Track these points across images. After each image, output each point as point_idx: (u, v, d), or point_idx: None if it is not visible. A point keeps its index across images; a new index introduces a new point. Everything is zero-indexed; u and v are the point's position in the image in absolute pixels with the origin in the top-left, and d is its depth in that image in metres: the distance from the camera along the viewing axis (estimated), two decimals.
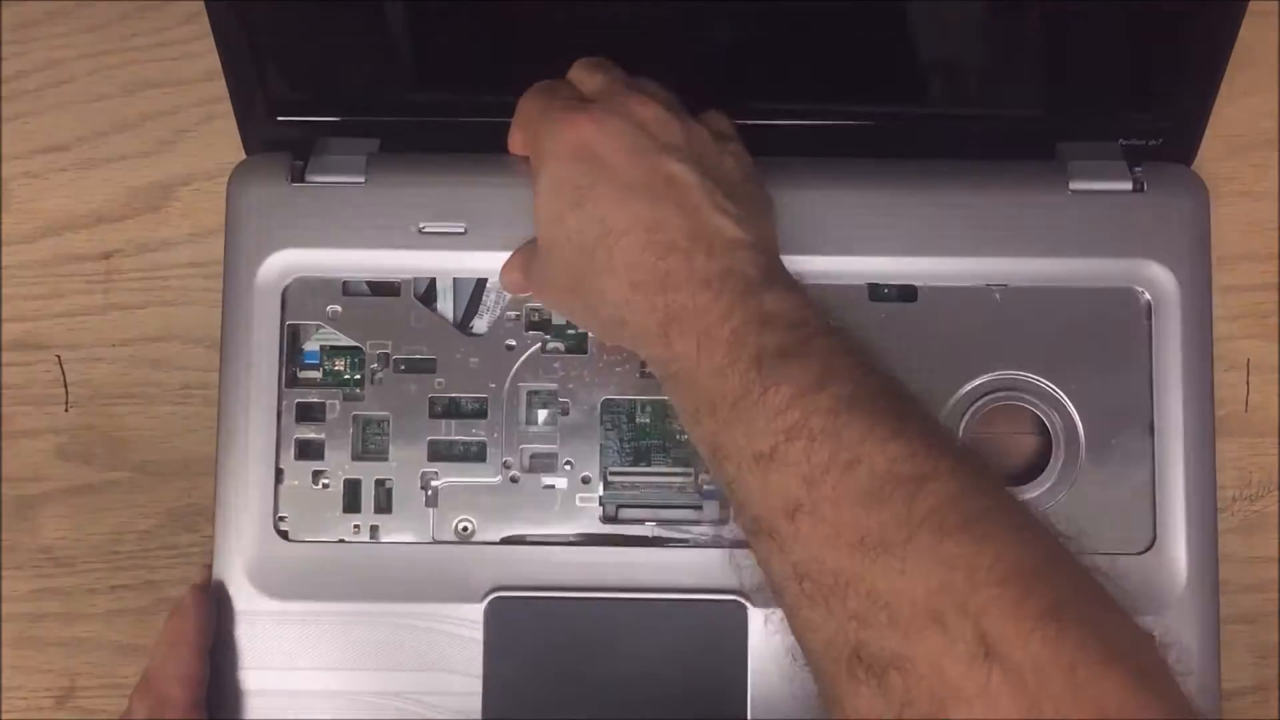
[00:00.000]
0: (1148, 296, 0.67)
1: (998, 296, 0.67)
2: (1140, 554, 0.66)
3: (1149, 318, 0.67)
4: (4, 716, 0.73)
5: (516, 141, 0.66)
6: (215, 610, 0.66)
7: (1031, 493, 0.67)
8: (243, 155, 0.72)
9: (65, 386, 0.74)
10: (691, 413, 0.59)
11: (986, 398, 0.67)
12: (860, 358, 0.58)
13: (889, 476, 0.53)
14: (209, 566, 0.67)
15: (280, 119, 0.70)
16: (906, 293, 0.68)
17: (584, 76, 0.65)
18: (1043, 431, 0.68)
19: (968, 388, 0.67)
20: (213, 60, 0.68)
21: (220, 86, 0.69)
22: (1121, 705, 0.48)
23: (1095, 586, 0.53)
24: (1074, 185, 0.68)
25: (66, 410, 0.74)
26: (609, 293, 0.60)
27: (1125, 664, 0.49)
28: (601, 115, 0.61)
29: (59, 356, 0.74)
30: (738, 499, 0.58)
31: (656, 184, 0.60)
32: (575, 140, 0.61)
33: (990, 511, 0.53)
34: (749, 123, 0.67)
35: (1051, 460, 0.67)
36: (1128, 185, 0.68)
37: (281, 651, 0.66)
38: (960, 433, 0.67)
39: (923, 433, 0.55)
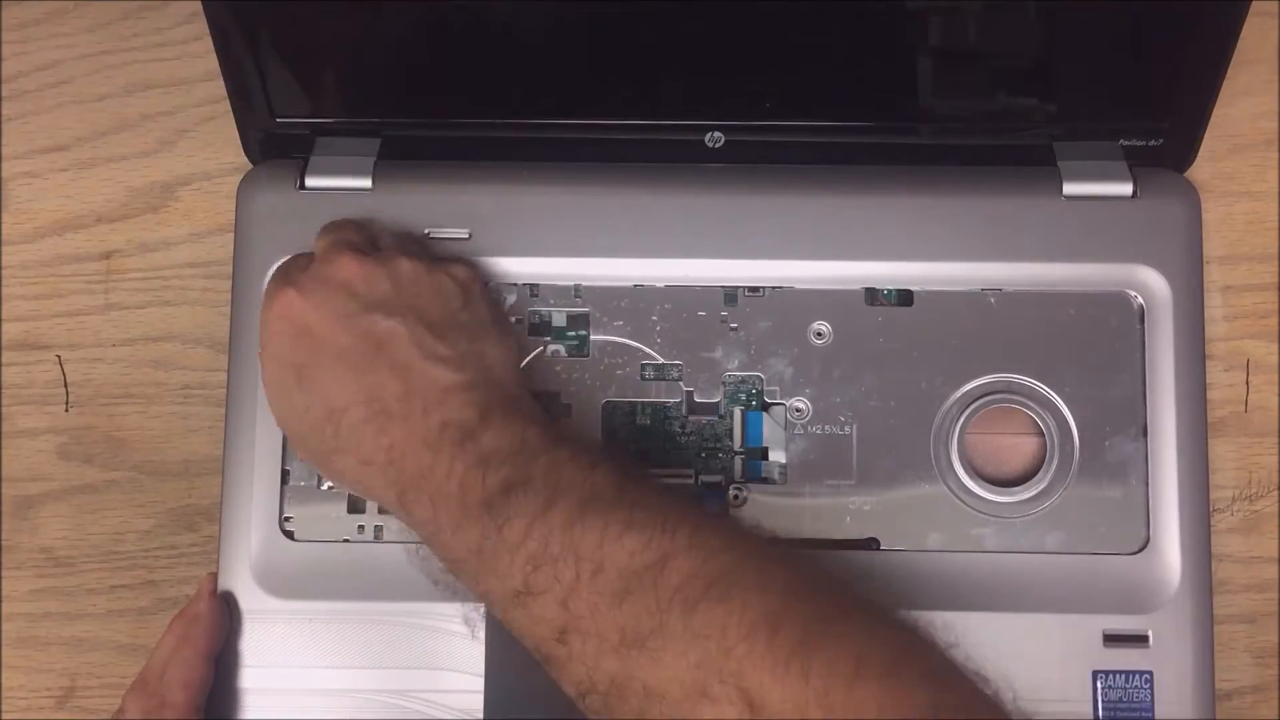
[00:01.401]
0: (1140, 301, 0.72)
1: (993, 301, 0.72)
2: (1134, 554, 0.70)
3: (1141, 322, 0.72)
4: (4, 716, 0.76)
5: None
6: (228, 618, 0.70)
7: (1026, 494, 0.71)
8: (243, 155, 0.75)
9: (65, 386, 0.77)
10: (453, 571, 0.64)
11: (982, 400, 0.72)
12: (586, 459, 0.62)
13: (632, 571, 0.58)
14: (214, 575, 0.71)
15: (280, 119, 0.73)
16: (903, 297, 0.72)
17: (317, 240, 0.70)
18: (1037, 434, 0.72)
19: (963, 390, 0.72)
20: (213, 60, 0.71)
21: (220, 86, 0.72)
22: (880, 709, 0.52)
23: (847, 601, 0.58)
24: (1068, 190, 0.73)
25: (67, 410, 0.77)
26: (346, 471, 0.65)
27: (874, 669, 0.53)
28: (309, 284, 0.65)
29: (59, 356, 0.78)
30: (516, 634, 0.61)
31: (368, 348, 0.64)
32: (287, 314, 0.66)
33: (733, 567, 0.57)
34: (746, 135, 0.73)
35: (1046, 462, 0.71)
36: (1125, 187, 0.73)
37: (286, 650, 0.70)
38: (956, 435, 0.71)
39: (659, 514, 0.59)
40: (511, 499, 0.60)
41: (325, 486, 0.71)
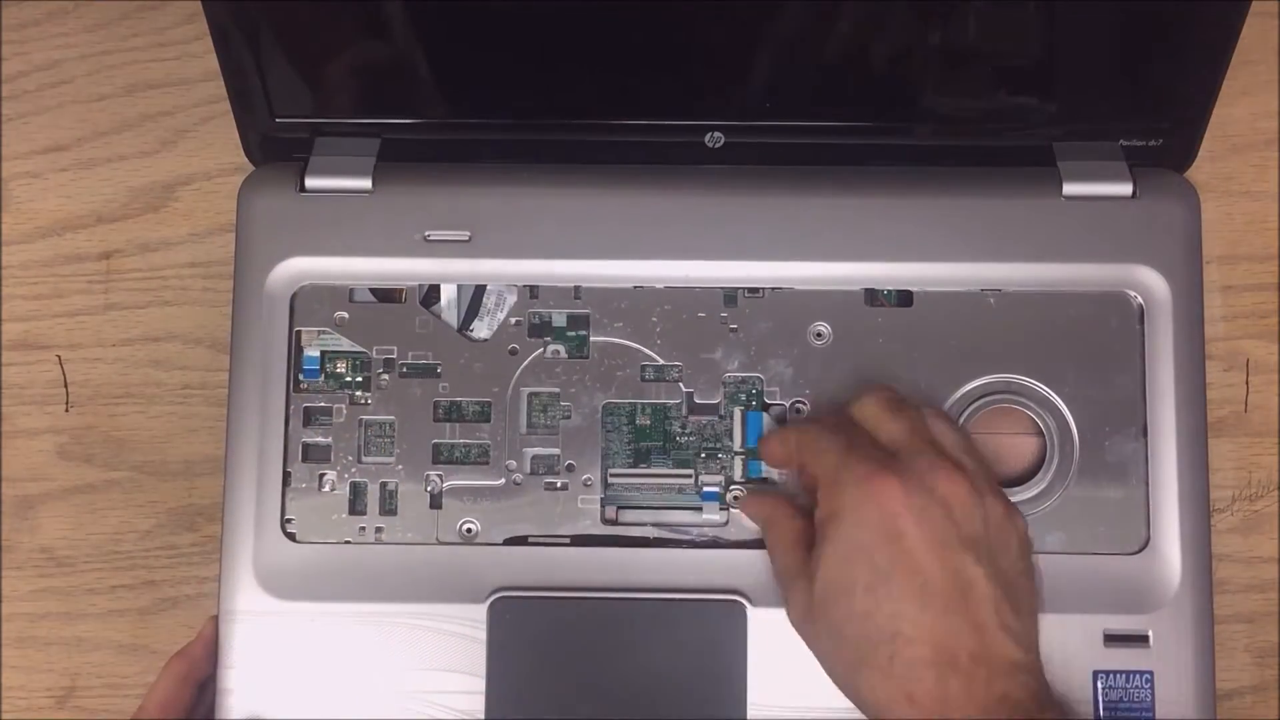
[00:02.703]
0: (1140, 301, 0.72)
1: (992, 301, 0.72)
2: (1134, 554, 0.71)
3: (1141, 322, 0.72)
4: (4, 716, 0.76)
5: (779, 455, 0.70)
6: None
7: (1026, 494, 0.71)
8: (243, 155, 0.75)
9: (65, 386, 0.78)
10: None
11: (982, 400, 0.72)
12: None
13: None
14: (215, 620, 0.71)
15: (280, 119, 0.73)
16: (903, 297, 0.73)
17: (881, 417, 0.67)
18: (1037, 434, 0.72)
19: (963, 391, 0.72)
20: (213, 60, 0.71)
21: (220, 86, 0.72)
22: None
23: None
24: (1068, 190, 0.73)
25: (67, 410, 0.78)
26: (879, 691, 0.63)
27: None
28: (914, 487, 0.63)
29: (59, 356, 0.78)
30: None
31: (953, 590, 0.62)
32: (883, 511, 0.63)
33: None
34: (746, 136, 0.73)
35: (1046, 462, 0.72)
36: (1124, 187, 0.73)
37: (287, 651, 0.70)
38: None
39: None
40: None
41: (326, 488, 0.72)
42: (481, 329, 0.74)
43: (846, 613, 0.63)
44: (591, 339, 0.73)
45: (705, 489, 0.72)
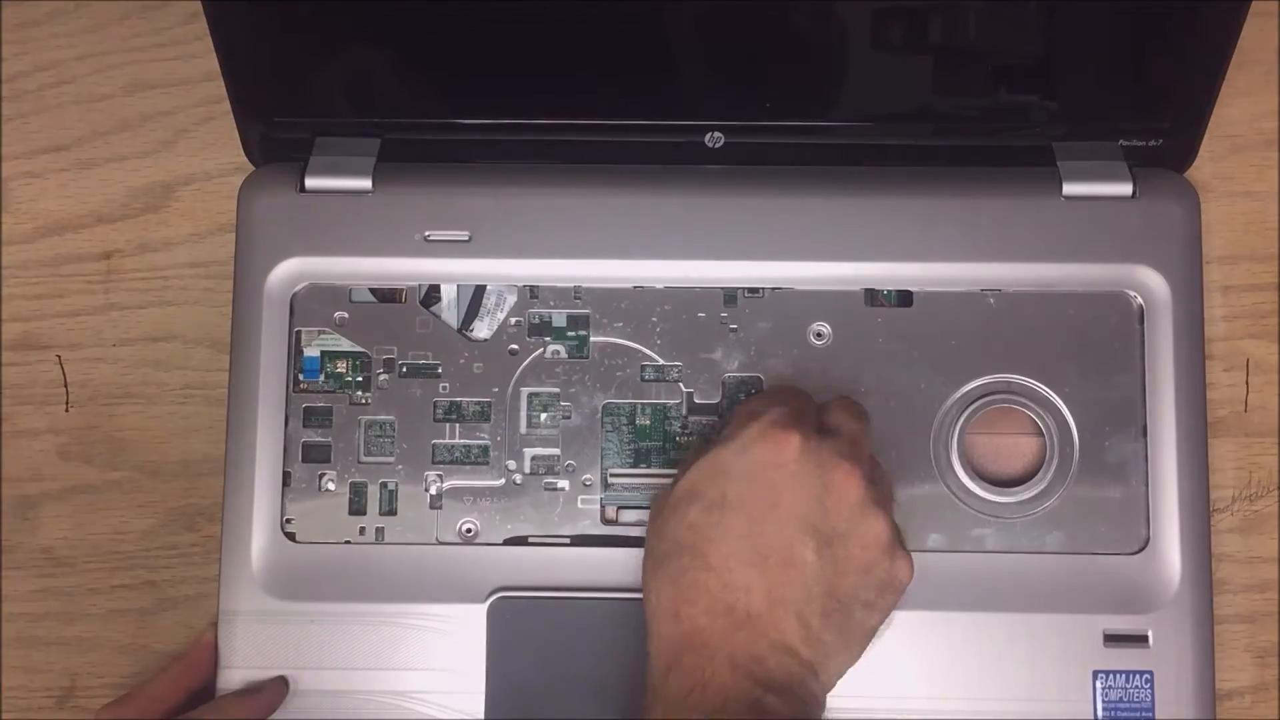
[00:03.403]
0: (1140, 301, 0.72)
1: (992, 301, 0.73)
2: (1134, 554, 0.71)
3: (1141, 322, 0.72)
4: (4, 716, 0.76)
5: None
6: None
7: (1026, 494, 0.72)
8: (243, 155, 0.76)
9: (65, 386, 0.78)
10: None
11: (982, 401, 0.72)
12: None
13: None
14: (214, 626, 0.71)
15: (280, 119, 0.74)
16: (903, 297, 0.73)
17: (836, 408, 0.68)
18: (1037, 434, 0.73)
19: (963, 391, 0.72)
20: (213, 60, 0.71)
21: (220, 86, 0.73)
22: None
23: None
24: (1068, 190, 0.73)
25: (67, 410, 0.78)
26: (660, 595, 0.64)
27: None
28: (813, 452, 0.63)
29: (59, 356, 0.78)
30: None
31: (777, 556, 0.63)
32: (770, 457, 0.64)
33: None
34: (746, 136, 0.74)
35: (1046, 462, 0.72)
36: (1124, 187, 0.73)
37: (287, 651, 0.70)
38: (956, 435, 0.72)
39: None
40: None
41: (326, 487, 0.72)
42: (481, 329, 0.74)
43: (679, 517, 0.64)
44: (591, 339, 0.74)
45: None
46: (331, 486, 0.72)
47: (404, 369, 0.73)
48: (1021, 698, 0.70)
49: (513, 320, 0.73)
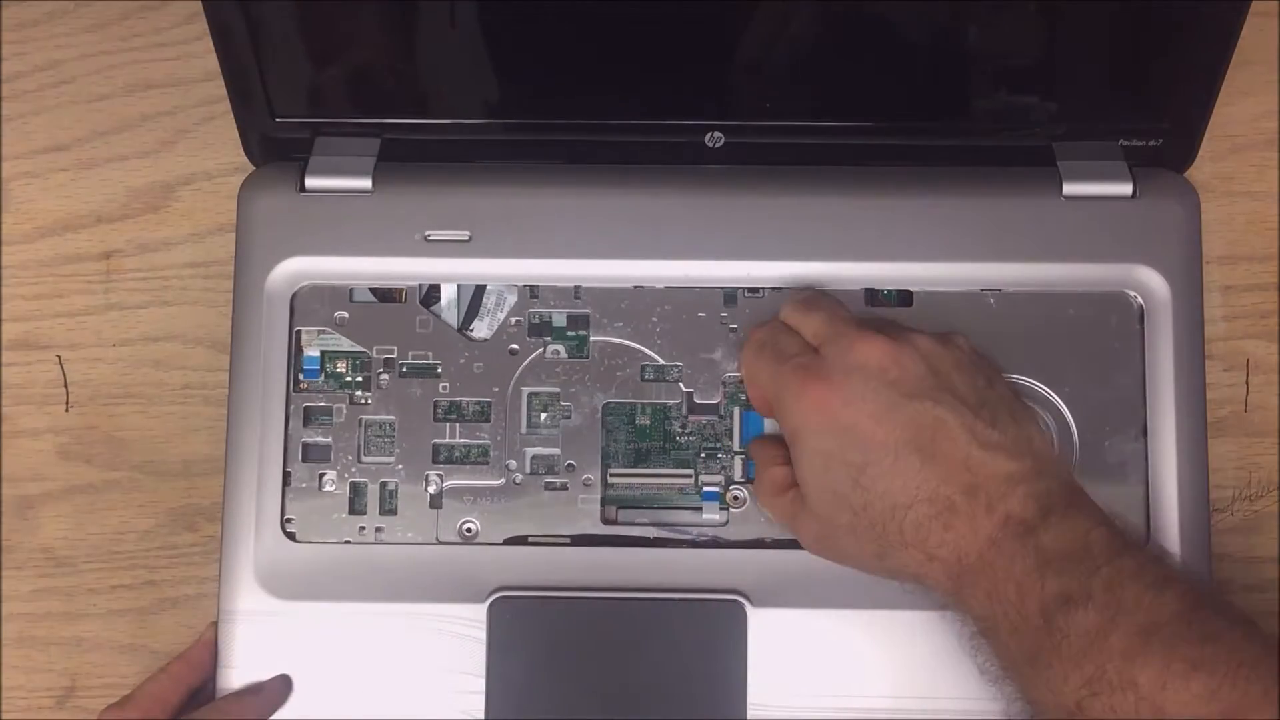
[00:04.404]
0: (1140, 301, 0.72)
1: (992, 301, 0.73)
2: None
3: (1141, 322, 0.72)
4: (4, 716, 0.76)
5: (757, 401, 0.71)
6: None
7: None
8: (243, 155, 0.76)
9: (65, 386, 0.78)
10: (1004, 671, 0.63)
11: None
12: (1154, 573, 0.59)
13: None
14: (214, 625, 0.71)
15: (280, 119, 0.74)
16: (903, 297, 0.73)
17: (801, 319, 0.69)
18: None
19: None
20: (213, 60, 0.71)
21: (220, 86, 0.73)
22: None
23: None
24: (1068, 190, 0.73)
25: (67, 410, 0.78)
26: (907, 565, 0.64)
27: None
28: (838, 377, 0.64)
29: (59, 356, 0.78)
30: None
31: (922, 440, 0.63)
32: (826, 415, 0.65)
33: None
34: (746, 136, 0.74)
35: None
36: (1124, 187, 0.73)
37: (287, 651, 0.71)
38: None
39: (1233, 656, 0.56)
40: (1070, 614, 0.58)
41: (326, 487, 0.72)
42: (481, 329, 0.74)
43: (850, 515, 0.65)
44: (591, 339, 0.74)
45: (705, 489, 0.72)
46: (331, 486, 0.72)
47: (404, 369, 0.73)
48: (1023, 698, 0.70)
49: (513, 320, 0.74)
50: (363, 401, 0.73)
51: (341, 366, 0.73)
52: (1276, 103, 0.80)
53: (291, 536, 0.72)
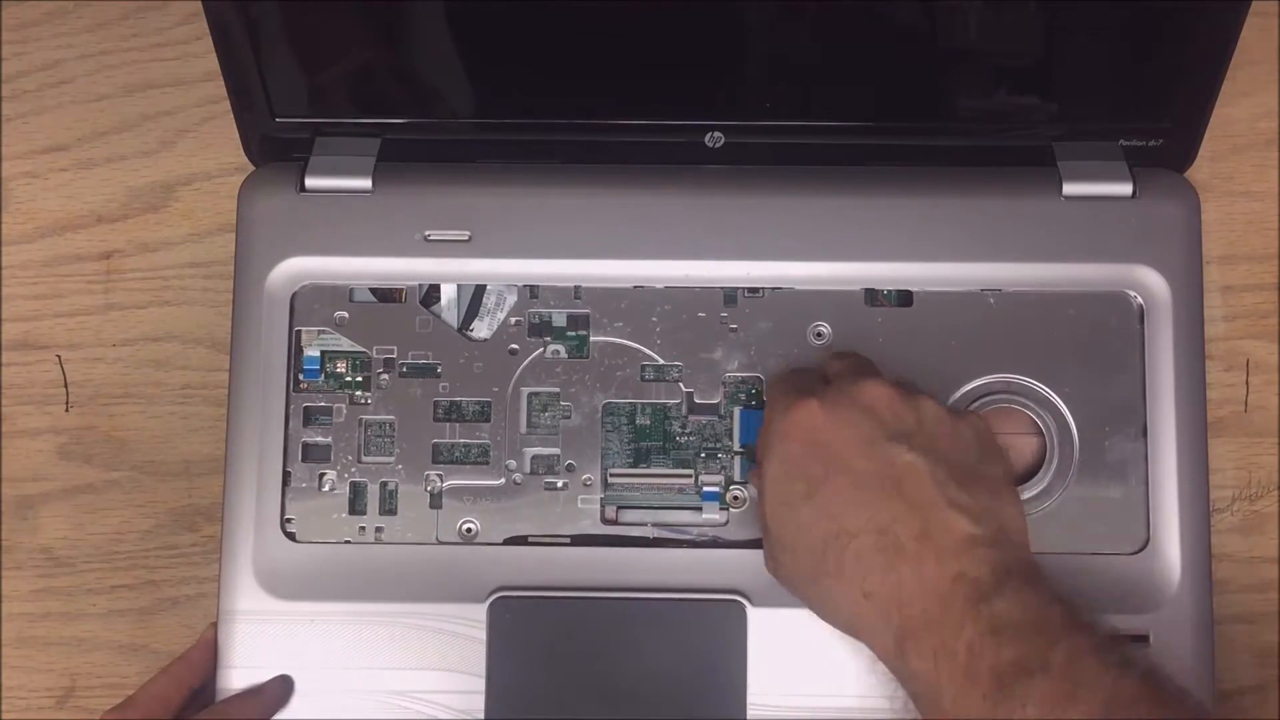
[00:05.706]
0: (1140, 301, 0.72)
1: (992, 301, 0.73)
2: (1134, 554, 0.71)
3: (1141, 322, 0.72)
4: (4, 716, 0.76)
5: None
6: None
7: (1027, 494, 0.71)
8: (243, 155, 0.76)
9: (65, 386, 0.78)
10: None
11: (982, 400, 0.72)
12: (1113, 655, 0.58)
13: None
14: (214, 626, 0.71)
15: (280, 119, 0.74)
16: (903, 297, 0.73)
17: (830, 361, 0.69)
18: (1037, 434, 0.72)
19: (963, 391, 0.72)
20: (213, 60, 0.71)
21: (220, 86, 0.73)
22: None
23: None
24: (1068, 191, 0.73)
25: (67, 410, 0.78)
26: (841, 600, 0.63)
27: None
28: (832, 399, 0.64)
29: (59, 356, 0.78)
30: None
31: (888, 478, 0.63)
32: (806, 424, 0.64)
33: None
34: (746, 136, 0.73)
35: (1046, 462, 0.72)
36: (1124, 187, 0.73)
37: (287, 651, 0.70)
38: None
39: None
40: (1025, 684, 0.57)
41: (326, 487, 0.72)
42: (481, 329, 0.74)
43: (794, 531, 0.64)
44: (591, 339, 0.74)
45: (705, 489, 0.73)
46: (331, 486, 0.72)
47: (404, 369, 0.73)
48: None
49: (513, 320, 0.74)
50: (363, 401, 0.73)
51: (341, 366, 0.73)
52: (1276, 103, 0.80)
53: (291, 536, 0.72)
